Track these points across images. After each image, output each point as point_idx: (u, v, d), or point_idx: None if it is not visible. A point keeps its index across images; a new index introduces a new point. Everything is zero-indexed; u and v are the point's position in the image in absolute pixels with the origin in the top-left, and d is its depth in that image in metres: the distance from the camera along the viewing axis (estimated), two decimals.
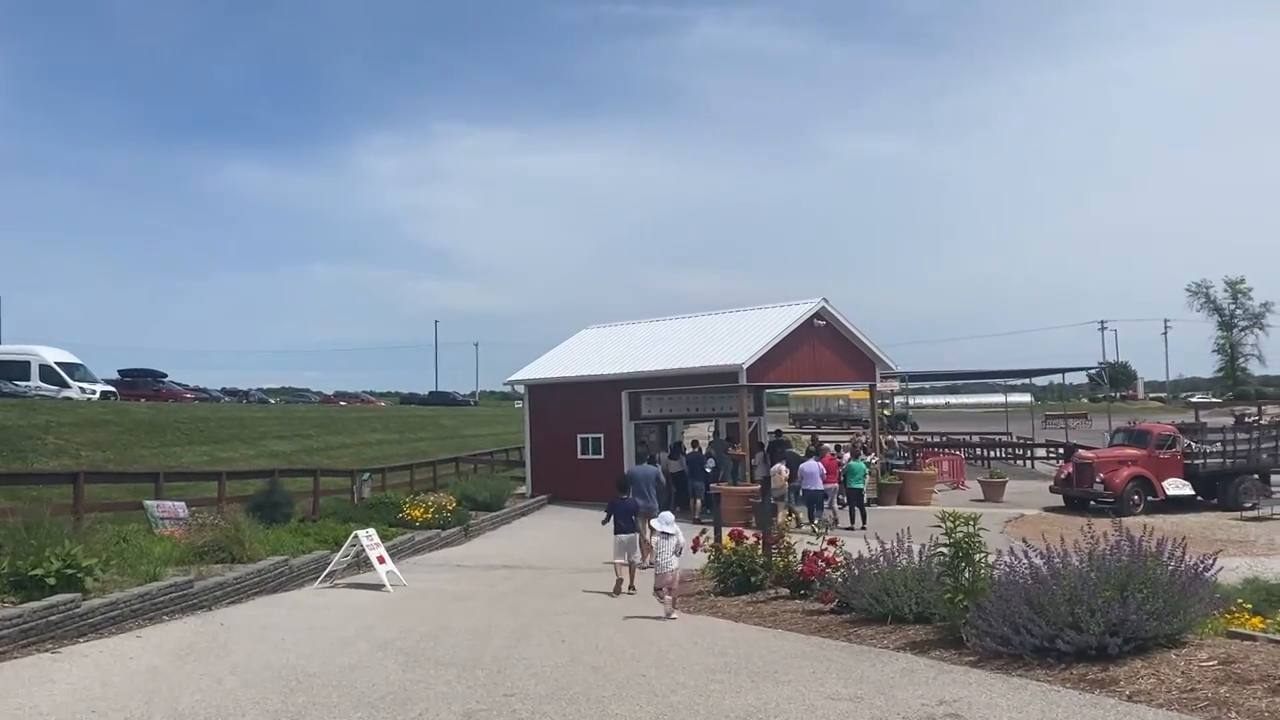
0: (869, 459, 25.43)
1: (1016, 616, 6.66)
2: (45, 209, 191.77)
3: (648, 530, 13.16)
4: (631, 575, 12.80)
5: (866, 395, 36.50)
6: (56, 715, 6.16)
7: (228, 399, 57.63)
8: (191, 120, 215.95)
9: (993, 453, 42.40)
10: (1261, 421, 30.55)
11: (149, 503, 15.52)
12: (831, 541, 10.35)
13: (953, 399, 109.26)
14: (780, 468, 21.75)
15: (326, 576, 13.29)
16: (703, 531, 13.15)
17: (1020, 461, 41.25)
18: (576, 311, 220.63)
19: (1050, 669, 6.39)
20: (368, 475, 23.46)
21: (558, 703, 6.35)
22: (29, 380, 34.82)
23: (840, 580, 9.54)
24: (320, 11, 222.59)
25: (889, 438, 37.44)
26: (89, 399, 33.89)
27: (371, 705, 6.38)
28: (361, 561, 13.66)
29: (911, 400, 72.98)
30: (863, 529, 20.19)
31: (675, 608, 10.49)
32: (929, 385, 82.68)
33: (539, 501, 27.21)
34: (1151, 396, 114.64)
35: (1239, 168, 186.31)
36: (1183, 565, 6.81)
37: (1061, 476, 26.83)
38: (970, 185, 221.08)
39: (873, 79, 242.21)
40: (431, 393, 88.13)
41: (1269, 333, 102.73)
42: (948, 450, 39.46)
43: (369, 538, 13.64)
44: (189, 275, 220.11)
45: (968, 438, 46.08)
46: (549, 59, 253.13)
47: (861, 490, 22.31)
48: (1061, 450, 35.69)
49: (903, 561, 8.96)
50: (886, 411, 50.38)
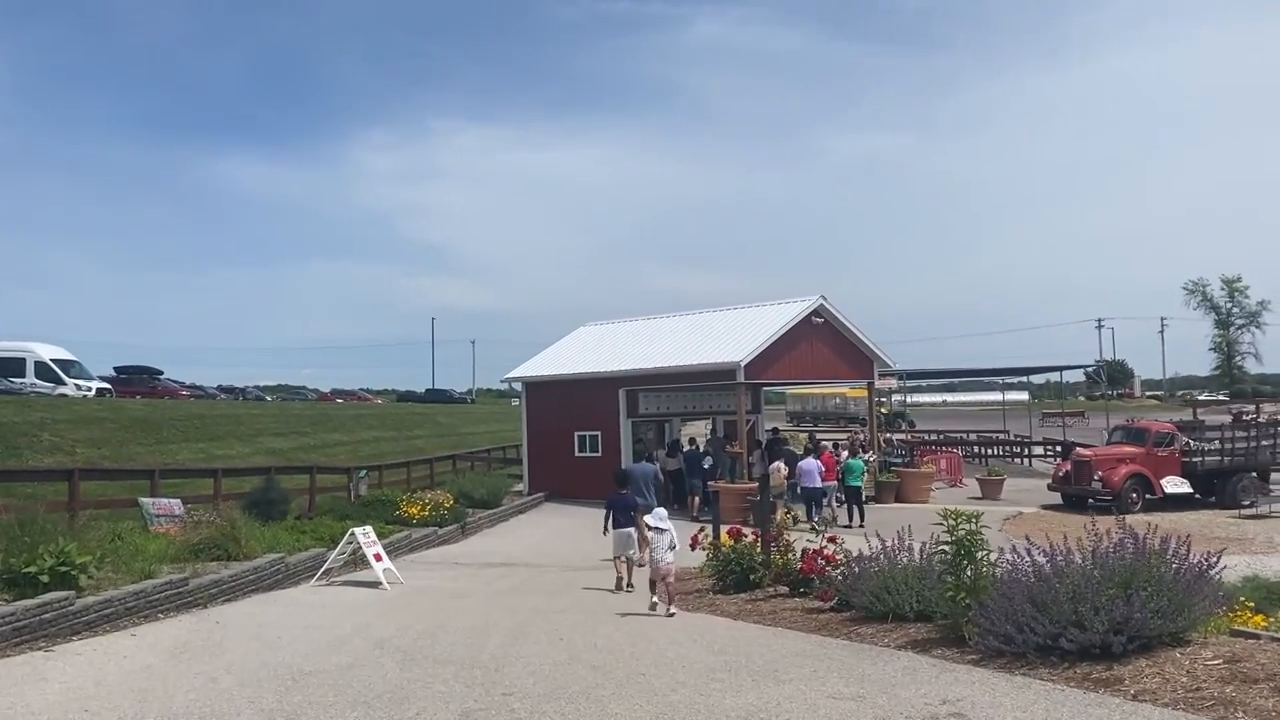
0: (867, 457, 25.41)
1: (1020, 615, 6.60)
2: (41, 204, 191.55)
3: (645, 527, 13.09)
4: (629, 572, 12.76)
5: (863, 393, 36.47)
6: (49, 714, 6.09)
7: (224, 396, 57.52)
8: (188, 117, 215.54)
9: (990, 451, 42.39)
10: (1259, 419, 30.59)
11: (144, 500, 15.46)
12: (831, 539, 10.29)
13: (949, 397, 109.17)
14: (779, 465, 21.73)
15: (323, 574, 13.22)
16: (701, 529, 13.07)
17: (1017, 459, 41.24)
18: (574, 309, 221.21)
19: (1054, 668, 6.32)
20: (364, 473, 23.39)
21: (556, 702, 6.28)
22: (24, 377, 34.71)
23: (840, 578, 9.47)
24: (317, 8, 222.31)
25: (887, 435, 37.43)
26: (84, 396, 33.79)
27: (368, 704, 6.31)
28: (358, 559, 13.61)
29: (908, 398, 72.97)
30: (860, 527, 20.15)
31: (673, 603, 10.43)
32: (926, 383, 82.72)
33: (536, 499, 27.16)
34: (1148, 394, 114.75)
35: (1236, 166, 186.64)
36: (1187, 563, 6.75)
37: (1060, 474, 26.85)
38: (968, 183, 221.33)
39: (871, 76, 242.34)
40: (428, 390, 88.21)
41: (1265, 331, 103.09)
42: (945, 448, 39.46)
43: (366, 535, 13.59)
44: (185, 272, 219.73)
45: (965, 436, 46.05)
46: (546, 56, 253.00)
47: (859, 488, 22.29)
48: (1059, 448, 35.70)
49: (903, 559, 8.89)
50: (884, 409, 50.40)
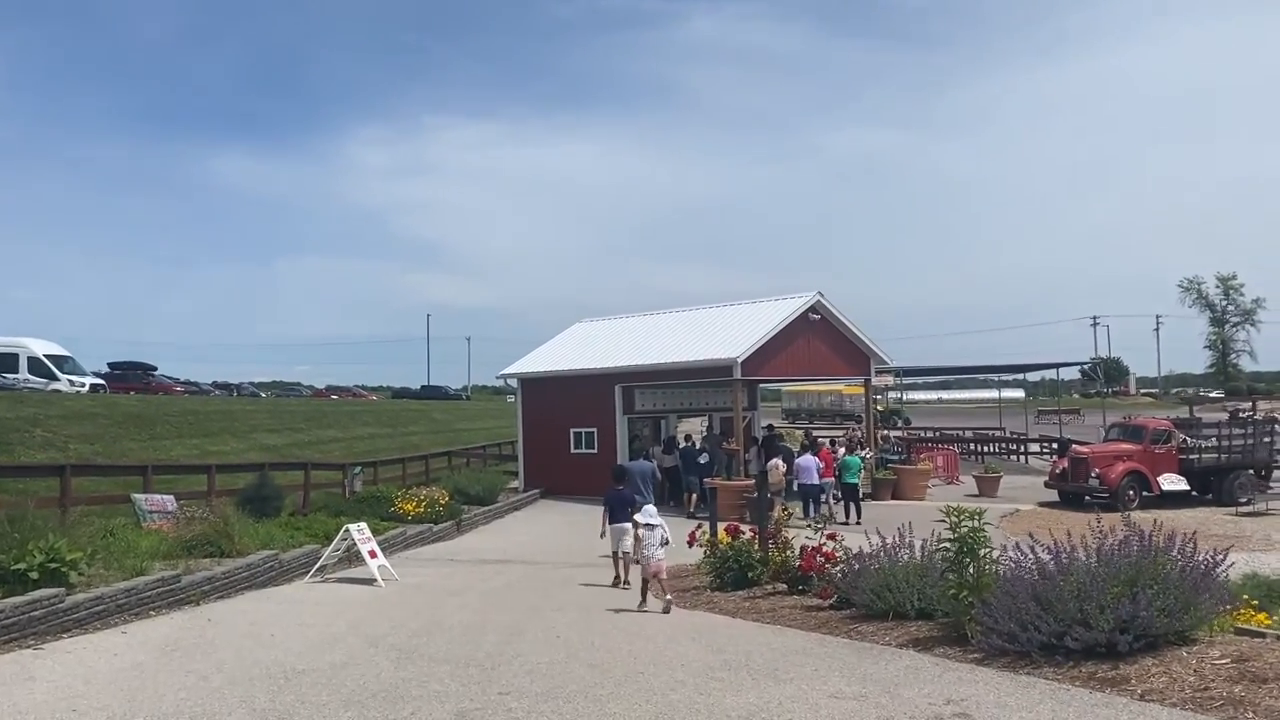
0: (864, 454, 25.34)
1: (1024, 613, 6.51)
2: (35, 200, 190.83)
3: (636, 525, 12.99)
4: (626, 569, 12.67)
5: (859, 390, 36.41)
6: (36, 714, 5.97)
7: (218, 393, 57.37)
8: (183, 112, 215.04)
9: (986, 448, 42.37)
10: (1256, 417, 30.56)
11: (137, 496, 15.33)
12: (830, 536, 10.20)
13: (945, 394, 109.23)
14: (777, 462, 21.63)
15: (317, 571, 13.11)
16: (699, 526, 12.99)
17: (1014, 457, 41.22)
18: (569, 306, 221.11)
19: (1059, 667, 6.23)
20: (359, 469, 23.27)
21: (554, 701, 6.17)
22: (17, 373, 34.56)
23: (840, 575, 9.38)
24: (312, 4, 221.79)
25: (885, 432, 37.38)
26: (78, 392, 33.65)
27: (362, 704, 6.20)
28: (353, 556, 13.51)
29: (904, 395, 72.97)
30: (857, 524, 20.11)
31: (667, 596, 10.38)
32: (922, 380, 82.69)
33: (531, 496, 27.06)
34: (1143, 392, 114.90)
35: (1233, 164, 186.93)
36: (1193, 561, 6.67)
37: (1057, 472, 26.78)
38: (965, 180, 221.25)
39: (868, 73, 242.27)
40: (424, 387, 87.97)
41: (1260, 329, 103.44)
42: (942, 445, 39.43)
43: (360, 532, 13.48)
44: (180, 268, 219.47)
45: (961, 433, 46.02)
46: (542, 52, 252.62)
47: (856, 485, 22.20)
48: (1055, 445, 35.66)
49: (904, 557, 8.80)
50: (880, 407, 50.36)
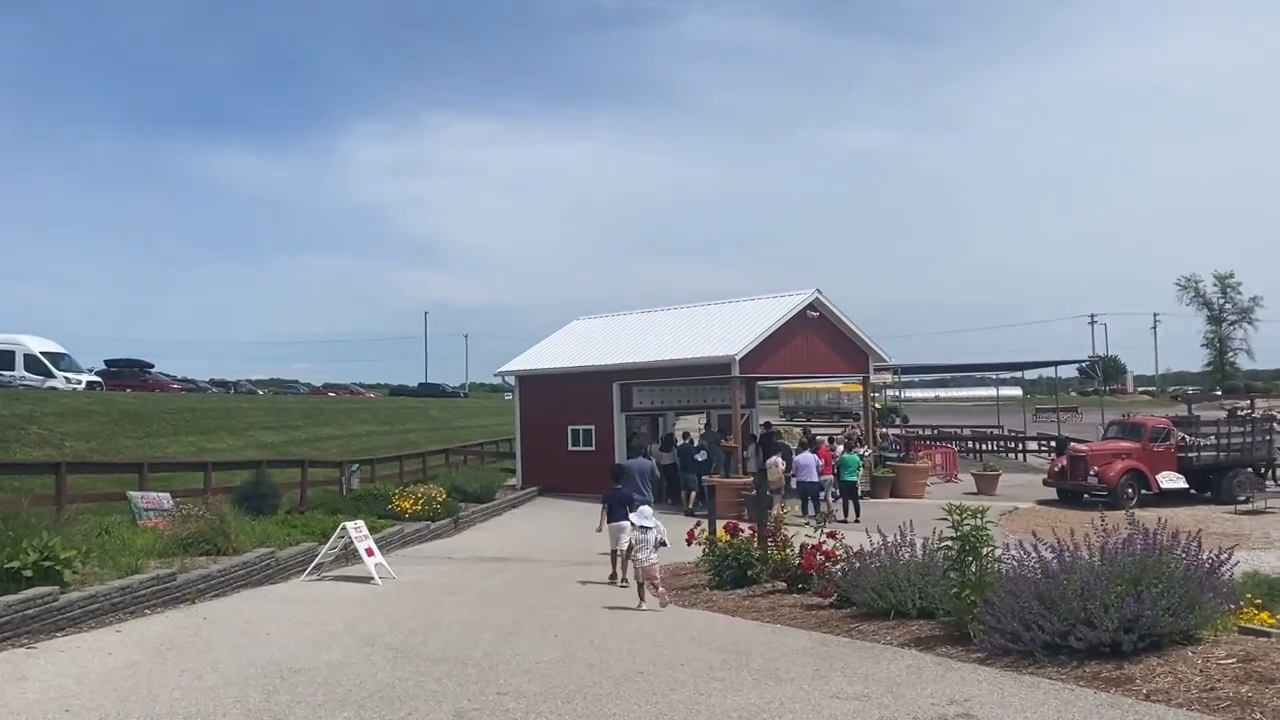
0: (862, 451, 25.29)
1: (1027, 612, 6.44)
2: (32, 197, 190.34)
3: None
4: (623, 567, 12.60)
5: (857, 388, 36.32)
6: (28, 714, 5.90)
7: (215, 390, 57.26)
8: (179, 109, 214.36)
9: (984, 446, 42.35)
10: (1254, 415, 30.54)
11: (133, 493, 15.27)
12: (831, 534, 10.13)
13: (942, 392, 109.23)
14: (777, 460, 21.57)
15: (314, 569, 13.03)
16: (697, 524, 12.93)
17: (1012, 455, 41.20)
18: (567, 303, 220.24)
19: (1062, 666, 6.17)
20: (356, 466, 23.19)
21: (552, 701, 6.10)
22: (13, 370, 34.48)
23: (840, 574, 9.31)
24: (309, 0, 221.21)
25: (883, 430, 37.33)
26: (74, 389, 33.55)
27: (358, 704, 6.12)
28: (350, 554, 13.44)
29: (902, 393, 72.94)
30: (856, 521, 20.07)
31: (664, 598, 10.35)
32: (919, 378, 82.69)
33: (529, 493, 27.00)
34: (1140, 390, 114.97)
35: (1230, 162, 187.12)
36: (1198, 559, 6.61)
37: (1055, 470, 26.75)
38: (961, 178, 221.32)
39: (863, 72, 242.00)
40: (421, 384, 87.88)
41: (1258, 327, 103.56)
42: (940, 443, 39.40)
43: (357, 529, 13.41)
44: (177, 265, 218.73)
45: (959, 431, 46.01)
46: (539, 49, 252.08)
47: (855, 483, 22.14)
48: (1053, 443, 35.63)
49: (905, 555, 8.74)
50: (877, 404, 50.27)
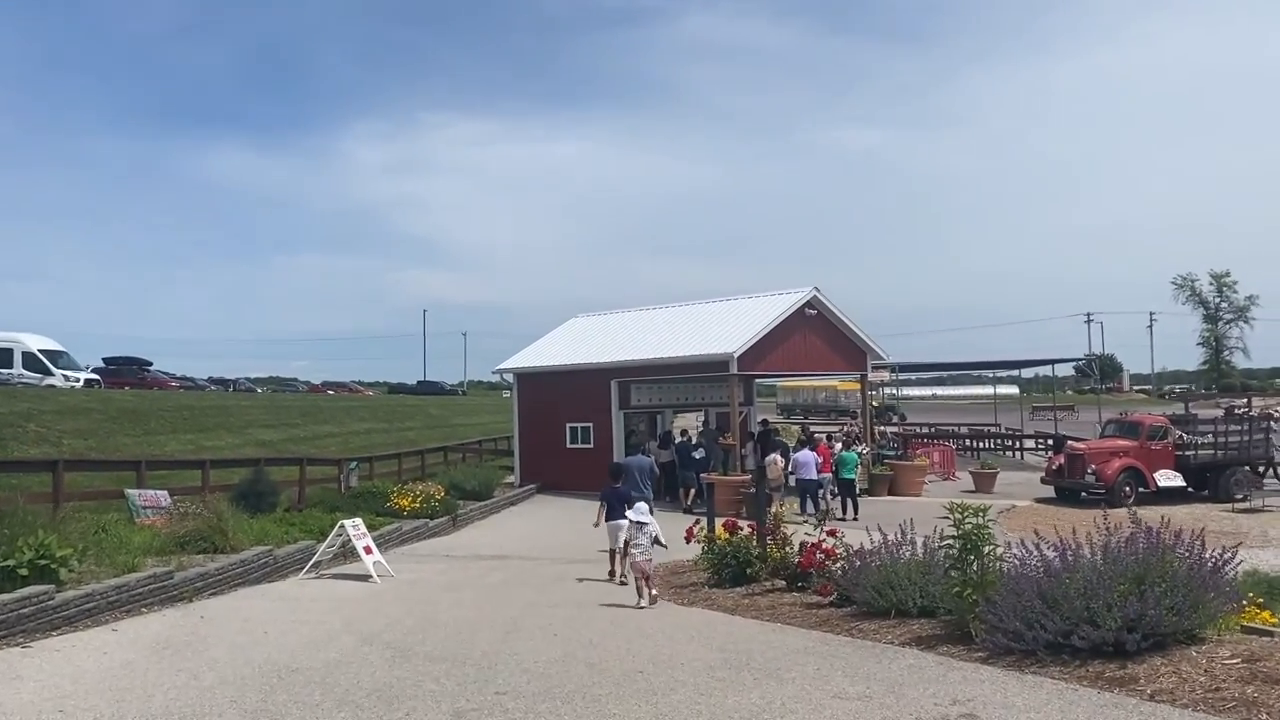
0: (861, 449, 25.25)
1: (1030, 611, 6.40)
2: (30, 195, 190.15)
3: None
4: (622, 565, 12.57)
5: (854, 386, 36.27)
6: (22, 714, 5.85)
7: (214, 388, 57.14)
8: (178, 108, 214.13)
9: (981, 444, 42.33)
10: (1251, 413, 30.53)
11: (130, 491, 15.22)
12: (831, 533, 10.09)
13: (939, 390, 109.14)
14: (776, 458, 21.52)
15: (312, 567, 12.99)
16: (696, 522, 12.89)
17: (1009, 453, 41.18)
18: (565, 302, 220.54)
19: (1065, 666, 6.13)
20: (355, 464, 23.12)
21: (552, 701, 6.06)
22: (11, 368, 34.36)
23: (840, 572, 9.27)
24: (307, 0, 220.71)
25: (882, 429, 37.29)
26: (72, 387, 33.42)
27: (356, 704, 6.08)
28: (348, 551, 13.40)
29: (900, 391, 72.90)
30: (855, 519, 20.05)
31: (654, 595, 10.35)
32: (915, 376, 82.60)
33: (527, 491, 26.95)
34: (1136, 389, 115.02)
35: (1226, 162, 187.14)
36: (1202, 558, 6.57)
37: (1053, 468, 26.73)
38: (958, 178, 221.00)
39: (862, 71, 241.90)
40: (420, 382, 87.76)
41: (1253, 326, 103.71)
42: (937, 441, 39.37)
43: (355, 527, 13.37)
44: (176, 263, 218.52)
45: (956, 429, 45.99)
46: (538, 49, 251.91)
47: (853, 481, 22.12)
48: (1050, 442, 35.61)
49: (906, 554, 8.69)
50: (875, 402, 50.23)
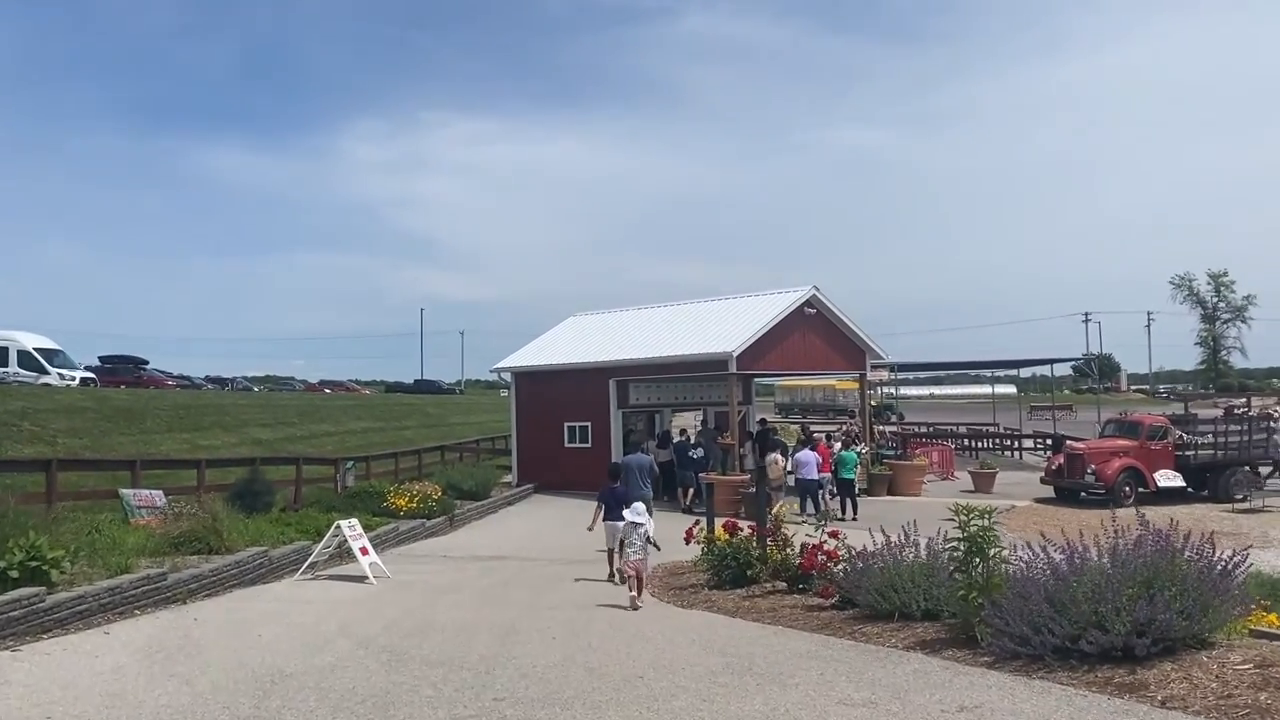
0: (860, 449, 25.14)
1: (1036, 615, 6.30)
2: (27, 193, 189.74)
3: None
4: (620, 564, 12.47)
5: (852, 385, 36.14)
6: None
7: (211, 387, 56.96)
8: (176, 106, 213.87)
9: (980, 444, 42.23)
10: (1250, 413, 30.46)
11: (125, 491, 15.08)
12: (832, 534, 9.97)
13: (937, 390, 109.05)
14: (776, 457, 21.40)
15: (308, 568, 12.87)
16: (696, 523, 12.77)
17: (1008, 453, 41.09)
18: (563, 300, 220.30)
19: (1073, 671, 6.02)
20: (352, 464, 22.99)
21: (551, 708, 5.95)
22: (6, 366, 34.26)
23: (842, 575, 9.16)
24: None
25: (881, 428, 37.18)
26: (68, 385, 33.28)
27: (351, 711, 5.97)
28: (344, 552, 13.27)
29: (897, 390, 72.76)
30: (854, 519, 19.95)
31: (633, 598, 10.32)
32: (913, 376, 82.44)
33: (525, 490, 26.83)
34: (1134, 388, 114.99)
35: (1225, 161, 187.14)
36: (1211, 561, 6.47)
37: (1053, 468, 26.65)
38: (956, 177, 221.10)
39: (860, 71, 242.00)
40: (417, 381, 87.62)
41: (1251, 326, 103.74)
42: (936, 441, 39.28)
43: (351, 528, 13.24)
44: (173, 262, 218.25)
45: (954, 428, 45.89)
46: (536, 48, 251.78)
47: (853, 481, 22.03)
48: (1049, 441, 35.53)
49: (909, 556, 8.58)
50: (873, 402, 50.08)
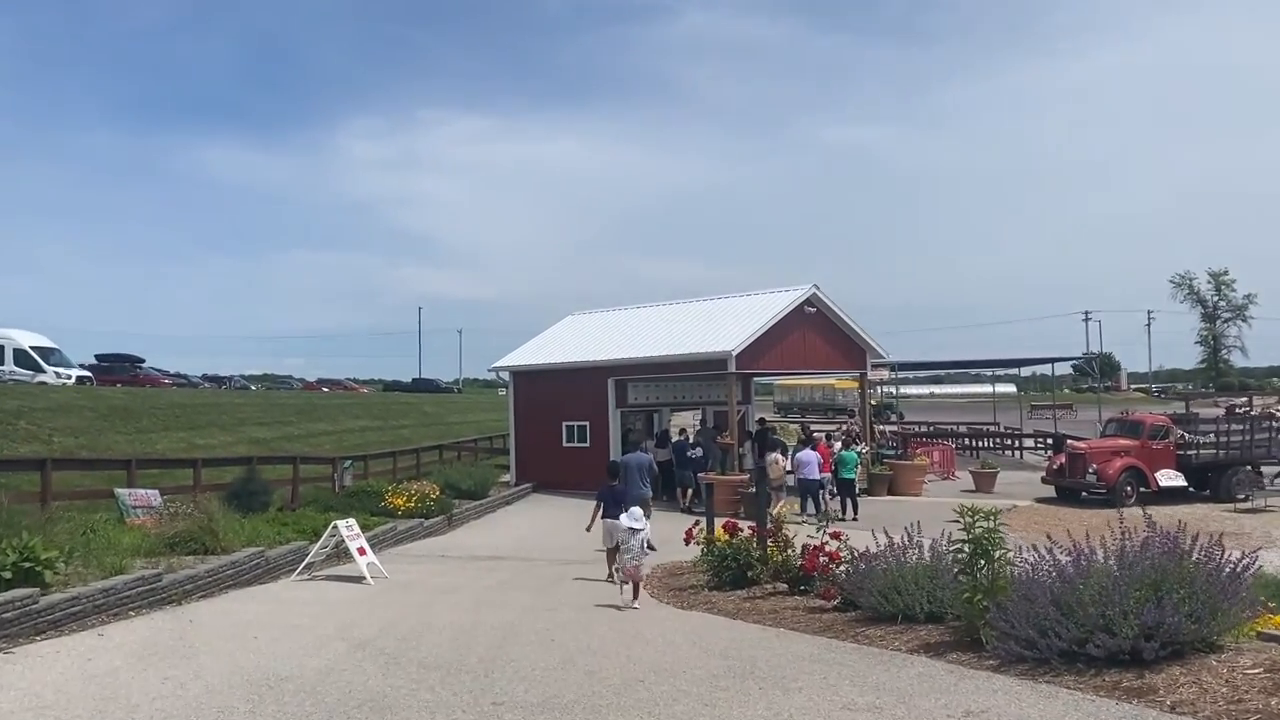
0: (860, 448, 25.04)
1: (1043, 618, 6.21)
2: (24, 191, 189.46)
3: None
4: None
5: (851, 384, 36.02)
6: None
7: (208, 385, 56.85)
8: (173, 104, 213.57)
9: (980, 443, 42.15)
10: (1252, 412, 30.43)
11: (121, 491, 14.97)
12: (834, 535, 9.88)
13: (936, 389, 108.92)
14: (777, 457, 21.30)
15: (305, 569, 12.78)
16: (696, 523, 12.67)
17: (1008, 452, 41.01)
18: (561, 299, 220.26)
19: (1080, 675, 5.94)
20: (349, 463, 22.88)
21: (551, 713, 5.85)
22: (2, 365, 34.14)
23: (845, 576, 9.07)
24: None
25: (882, 428, 37.10)
26: (64, 384, 33.17)
27: (347, 716, 5.87)
28: (341, 552, 13.17)
29: (897, 390, 72.69)
30: (854, 519, 19.87)
31: (637, 600, 10.30)
32: (913, 375, 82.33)
33: (523, 490, 26.74)
34: (1134, 387, 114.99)
35: (1224, 160, 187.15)
36: (1220, 563, 6.38)
37: (1054, 467, 26.55)
38: (955, 176, 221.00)
39: (859, 69, 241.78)
40: (415, 380, 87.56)
41: (1251, 325, 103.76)
42: (937, 440, 39.19)
43: (349, 528, 13.15)
44: (170, 260, 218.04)
45: (955, 428, 45.80)
46: (534, 46, 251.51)
47: (853, 481, 21.93)
48: (1050, 441, 35.44)
49: (912, 557, 8.49)
50: (872, 401, 50.00)
